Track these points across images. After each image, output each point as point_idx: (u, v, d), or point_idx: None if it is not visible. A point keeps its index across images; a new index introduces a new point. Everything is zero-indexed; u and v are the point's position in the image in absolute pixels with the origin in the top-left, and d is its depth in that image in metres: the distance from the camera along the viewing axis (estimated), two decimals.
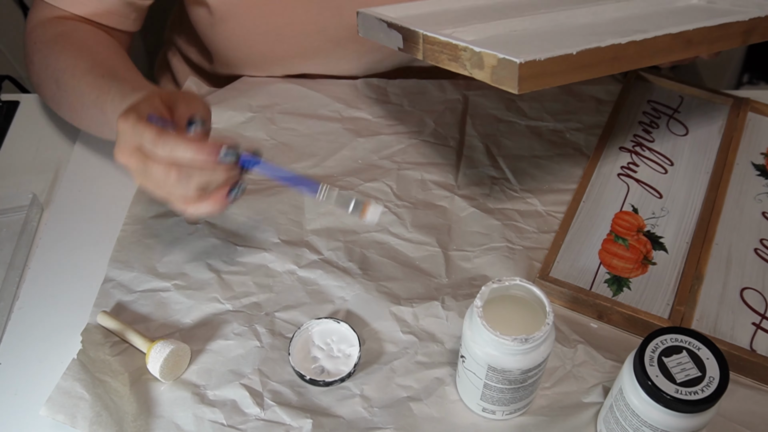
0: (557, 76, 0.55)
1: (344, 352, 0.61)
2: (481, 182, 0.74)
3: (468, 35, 0.64)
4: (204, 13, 0.79)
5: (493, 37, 0.65)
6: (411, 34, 0.63)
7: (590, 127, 0.79)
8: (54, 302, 0.66)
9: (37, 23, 0.74)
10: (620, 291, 0.64)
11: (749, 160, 0.75)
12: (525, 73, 0.52)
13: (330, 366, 0.60)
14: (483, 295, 0.51)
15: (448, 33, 0.62)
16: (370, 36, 0.70)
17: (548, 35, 0.65)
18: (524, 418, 0.57)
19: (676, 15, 0.70)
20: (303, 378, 0.59)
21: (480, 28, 0.65)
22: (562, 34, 0.65)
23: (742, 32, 0.64)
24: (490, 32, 0.65)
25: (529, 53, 0.53)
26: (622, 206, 0.71)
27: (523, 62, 0.52)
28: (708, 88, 0.82)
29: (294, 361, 0.59)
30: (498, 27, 0.66)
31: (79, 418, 0.55)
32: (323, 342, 0.61)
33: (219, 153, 0.52)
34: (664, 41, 0.59)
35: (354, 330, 0.61)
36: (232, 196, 0.55)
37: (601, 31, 0.66)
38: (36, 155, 0.79)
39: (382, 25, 0.67)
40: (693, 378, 0.47)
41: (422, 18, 0.71)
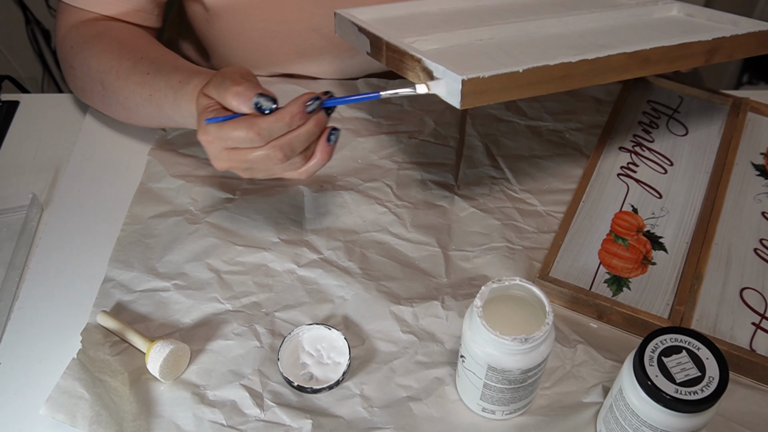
0: (502, 92, 0.55)
1: (334, 359, 0.60)
2: (481, 182, 0.74)
3: (429, 44, 0.64)
4: (199, 8, 0.79)
5: (454, 47, 0.64)
6: (376, 40, 0.63)
7: (590, 127, 0.79)
8: (54, 302, 0.66)
9: (69, 29, 0.74)
10: (620, 291, 0.64)
11: (749, 160, 0.75)
12: (468, 89, 0.52)
13: (319, 372, 0.60)
14: (483, 295, 0.51)
15: (409, 42, 0.62)
16: (345, 38, 0.70)
17: (510, 47, 0.64)
18: (524, 418, 0.57)
19: (649, 29, 0.70)
20: (291, 384, 0.58)
21: (444, 36, 0.65)
22: (525, 47, 0.65)
23: (705, 51, 0.63)
24: (454, 41, 0.65)
25: (475, 69, 0.53)
26: (621, 206, 0.71)
27: (466, 79, 0.52)
28: (708, 88, 0.82)
29: (283, 366, 0.59)
30: (463, 36, 0.65)
31: (79, 417, 0.55)
32: (313, 348, 0.61)
33: (305, 109, 0.53)
34: (619, 60, 0.59)
35: (345, 338, 0.60)
36: (332, 140, 0.56)
37: (565, 44, 0.65)
38: (36, 155, 0.79)
39: (353, 28, 0.67)
40: (693, 378, 0.47)
41: (395, 21, 0.70)
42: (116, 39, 0.72)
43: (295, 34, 0.80)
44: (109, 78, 0.69)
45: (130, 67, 0.68)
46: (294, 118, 0.53)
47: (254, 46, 0.81)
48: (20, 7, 1.40)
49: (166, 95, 0.64)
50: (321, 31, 0.79)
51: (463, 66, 0.54)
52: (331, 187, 0.74)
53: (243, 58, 0.84)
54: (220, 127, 0.53)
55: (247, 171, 0.56)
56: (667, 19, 0.73)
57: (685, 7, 0.74)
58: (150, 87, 0.66)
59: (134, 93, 0.67)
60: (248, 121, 0.53)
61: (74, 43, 0.73)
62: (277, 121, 0.52)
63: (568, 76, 0.57)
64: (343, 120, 0.81)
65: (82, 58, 0.72)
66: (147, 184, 0.74)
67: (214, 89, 0.55)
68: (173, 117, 0.66)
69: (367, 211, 0.72)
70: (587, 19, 0.70)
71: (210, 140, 0.54)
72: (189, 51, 0.94)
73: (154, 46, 0.72)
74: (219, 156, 0.55)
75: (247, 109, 0.53)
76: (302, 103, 0.53)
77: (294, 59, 0.83)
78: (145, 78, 0.66)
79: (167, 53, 0.71)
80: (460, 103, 0.53)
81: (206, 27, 0.82)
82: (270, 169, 0.55)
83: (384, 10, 0.72)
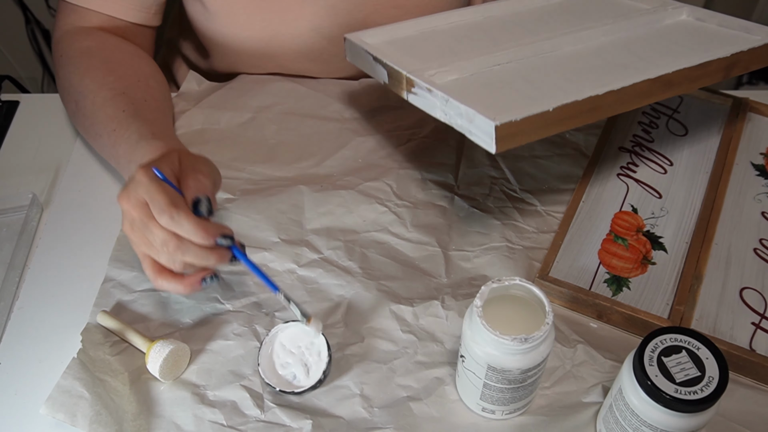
0: (534, 132, 0.55)
1: (315, 355, 0.60)
2: (481, 182, 0.74)
3: (449, 74, 0.63)
4: (199, 8, 0.79)
5: (474, 76, 0.64)
6: (396, 74, 0.63)
7: (590, 127, 0.79)
8: (54, 302, 0.66)
9: (64, 33, 0.75)
10: (620, 291, 0.64)
11: (749, 160, 0.75)
12: (502, 133, 0.52)
13: (302, 370, 0.59)
14: (483, 294, 0.51)
15: (430, 75, 0.62)
16: (358, 64, 0.70)
17: (530, 73, 0.64)
18: (524, 417, 0.57)
19: (663, 40, 0.69)
20: (274, 389, 0.58)
21: (462, 66, 0.64)
22: (545, 71, 0.64)
23: (723, 68, 0.63)
24: (472, 69, 0.65)
25: (505, 110, 0.52)
26: (621, 206, 0.71)
27: (499, 124, 0.52)
28: (708, 89, 0.82)
29: (264, 371, 0.58)
30: (481, 63, 0.65)
31: (79, 416, 0.55)
32: (294, 346, 0.60)
33: (215, 239, 0.54)
34: (643, 87, 0.58)
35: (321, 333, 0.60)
36: (206, 283, 0.57)
37: (584, 66, 0.65)
38: (36, 155, 0.79)
39: (368, 56, 0.67)
40: (692, 378, 0.47)
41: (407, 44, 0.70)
42: (104, 61, 0.72)
43: (295, 34, 0.80)
44: (85, 102, 0.70)
45: (107, 99, 0.68)
46: (206, 235, 0.53)
47: (254, 46, 0.81)
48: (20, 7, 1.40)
49: (129, 136, 0.64)
50: (321, 31, 0.79)
51: (493, 105, 0.53)
52: (331, 186, 0.74)
53: (243, 57, 0.84)
54: (157, 181, 0.54)
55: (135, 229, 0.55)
56: (679, 26, 0.73)
57: (694, 11, 0.74)
58: (119, 123, 0.66)
59: (101, 123, 0.68)
60: (179, 200, 0.54)
61: (64, 52, 0.74)
62: (195, 225, 0.53)
63: (596, 108, 0.57)
64: (344, 120, 0.81)
65: (66, 72, 0.72)
66: None
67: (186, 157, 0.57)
68: (120, 157, 0.66)
69: (367, 210, 0.72)
70: (600, 32, 0.70)
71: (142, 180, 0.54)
72: (188, 51, 0.94)
73: (141, 82, 0.72)
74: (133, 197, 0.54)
75: (189, 198, 0.55)
76: (219, 233, 0.54)
77: (294, 58, 0.83)
78: (118, 113, 0.67)
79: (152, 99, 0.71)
80: (495, 148, 0.53)
81: (206, 26, 0.82)
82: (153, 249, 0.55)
83: (393, 31, 0.72)
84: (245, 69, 0.86)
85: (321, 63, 0.84)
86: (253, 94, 0.83)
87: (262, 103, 0.82)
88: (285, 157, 0.77)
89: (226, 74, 0.88)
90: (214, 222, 0.55)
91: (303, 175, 0.75)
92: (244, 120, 0.81)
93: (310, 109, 0.82)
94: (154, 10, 0.77)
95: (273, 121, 0.80)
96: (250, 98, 0.83)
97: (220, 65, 0.88)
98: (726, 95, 0.81)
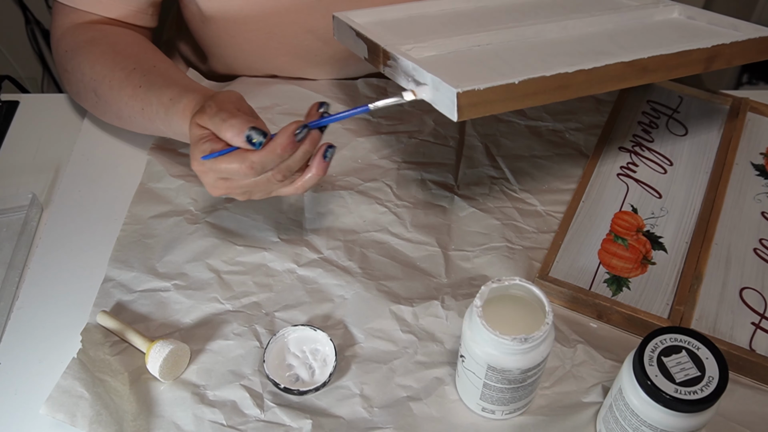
0: (498, 104, 0.54)
1: (320, 361, 0.60)
2: (480, 182, 0.74)
3: (426, 51, 0.63)
4: (195, 11, 0.79)
5: (450, 54, 0.64)
6: (373, 47, 0.63)
7: (590, 127, 0.79)
8: (54, 302, 0.66)
9: (65, 31, 0.74)
10: (620, 291, 0.64)
11: (748, 160, 0.75)
12: (464, 102, 0.52)
13: (305, 374, 0.60)
14: (482, 294, 0.51)
15: (406, 49, 0.62)
16: (343, 41, 0.70)
17: (507, 54, 0.64)
18: (524, 417, 0.57)
19: (649, 34, 0.69)
20: (277, 386, 0.58)
21: (441, 43, 0.64)
22: (522, 53, 0.64)
23: (704, 59, 0.62)
24: (450, 48, 0.64)
25: (470, 80, 0.52)
26: (621, 206, 0.71)
27: (461, 92, 0.52)
28: (707, 89, 0.82)
29: (269, 368, 0.59)
30: (460, 42, 0.65)
31: (79, 416, 0.55)
32: (299, 350, 0.61)
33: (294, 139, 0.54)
34: (616, 69, 0.58)
35: (331, 339, 0.60)
36: (327, 157, 0.57)
37: (562, 51, 0.65)
38: (36, 155, 0.79)
39: (351, 32, 0.67)
40: (692, 378, 0.47)
41: (394, 25, 0.70)
42: (111, 45, 0.72)
43: (291, 36, 0.79)
44: (102, 88, 0.70)
45: (123, 79, 0.68)
46: (285, 149, 0.54)
47: (250, 48, 0.81)
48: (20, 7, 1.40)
49: (157, 111, 0.65)
50: (318, 33, 0.79)
51: (459, 76, 0.54)
52: (331, 187, 0.74)
53: (239, 59, 0.84)
54: (215, 162, 0.55)
55: (244, 194, 0.58)
56: (668, 22, 0.73)
57: (686, 10, 0.74)
58: (142, 101, 0.66)
59: (127, 105, 0.68)
60: (241, 155, 0.54)
61: (69, 47, 0.73)
62: (268, 154, 0.54)
63: (565, 86, 0.56)
64: (343, 120, 0.81)
65: (75, 64, 0.72)
66: (147, 184, 0.74)
67: (209, 120, 0.56)
68: (165, 131, 0.67)
69: (367, 210, 0.72)
70: (586, 23, 0.70)
71: (205, 171, 0.56)
72: (187, 52, 0.94)
73: (148, 54, 0.72)
74: (215, 185, 0.57)
75: (240, 142, 0.54)
76: (291, 133, 0.54)
77: (291, 61, 0.83)
78: (137, 91, 0.67)
79: (161, 62, 0.71)
80: (457, 116, 0.53)
81: (202, 29, 0.82)
82: (271, 191, 0.57)
83: (382, 13, 0.72)
84: (242, 71, 0.86)
85: (317, 65, 0.84)
86: (252, 95, 0.83)
87: (261, 104, 0.82)
88: None
89: (224, 76, 0.88)
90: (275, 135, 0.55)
91: None
92: None
93: None
94: (150, 12, 0.77)
95: (273, 122, 0.80)
96: (249, 99, 0.82)
97: (218, 67, 0.88)
98: (726, 95, 0.81)
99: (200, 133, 0.57)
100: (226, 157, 0.55)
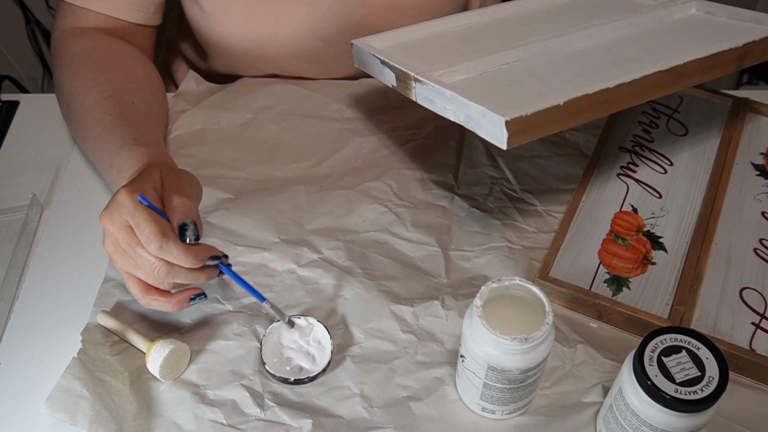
0: (545, 127, 0.54)
1: (315, 344, 0.61)
2: (481, 182, 0.74)
3: (457, 74, 0.63)
4: (196, 9, 0.79)
5: (482, 75, 0.63)
6: (403, 75, 0.62)
7: (590, 127, 0.79)
8: (54, 302, 0.66)
9: (62, 34, 0.75)
10: (620, 291, 0.64)
11: (749, 160, 0.75)
12: (513, 129, 0.52)
13: (307, 362, 0.60)
14: (483, 294, 0.51)
15: (438, 75, 0.61)
16: (365, 68, 0.69)
17: (539, 70, 0.63)
18: (524, 417, 0.57)
19: (673, 34, 0.69)
20: (288, 381, 0.58)
21: (470, 65, 0.64)
22: (554, 69, 0.64)
23: (736, 58, 0.62)
24: (481, 68, 0.64)
25: (514, 106, 0.52)
26: (621, 206, 0.71)
27: (509, 119, 0.51)
28: (707, 88, 0.82)
29: (272, 368, 0.59)
30: (489, 62, 0.65)
31: (79, 416, 0.55)
32: (292, 341, 0.61)
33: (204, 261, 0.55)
34: (655, 79, 0.58)
35: (318, 320, 0.61)
36: (194, 301, 0.58)
37: (594, 62, 0.64)
38: (36, 155, 0.79)
39: (375, 60, 0.66)
40: (692, 378, 0.47)
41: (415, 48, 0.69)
42: (97, 63, 0.72)
43: (292, 36, 0.80)
44: (74, 104, 0.70)
45: (96, 101, 0.68)
46: (195, 260, 0.54)
47: (251, 47, 0.81)
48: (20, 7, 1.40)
49: (113, 141, 0.64)
50: (318, 33, 0.79)
51: (502, 102, 0.53)
52: (331, 186, 0.74)
53: (240, 58, 0.84)
54: (141, 208, 0.54)
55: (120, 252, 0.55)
56: (688, 20, 0.72)
57: (703, 5, 0.74)
58: (104, 127, 0.66)
59: (88, 125, 0.68)
60: (166, 227, 0.54)
61: (60, 53, 0.74)
62: (185, 252, 0.54)
63: (607, 101, 0.56)
64: (343, 120, 0.81)
65: (60, 73, 0.73)
66: None
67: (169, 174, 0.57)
68: (103, 161, 0.66)
69: (367, 210, 0.72)
70: (609, 29, 0.69)
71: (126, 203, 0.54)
72: (188, 51, 0.94)
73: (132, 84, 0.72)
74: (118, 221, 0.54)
75: (174, 222, 0.54)
76: (208, 256, 0.55)
77: (291, 60, 0.83)
78: (104, 117, 0.67)
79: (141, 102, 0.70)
80: (507, 144, 0.52)
81: (203, 28, 0.82)
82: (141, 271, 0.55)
83: (400, 35, 0.71)
84: (243, 70, 0.86)
85: (318, 64, 0.84)
86: (253, 95, 0.83)
87: (262, 104, 0.82)
88: (285, 158, 0.77)
89: (224, 75, 0.88)
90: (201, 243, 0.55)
91: (303, 175, 0.75)
92: (244, 120, 0.81)
93: (310, 110, 0.82)
94: (153, 10, 0.77)
95: (273, 122, 0.80)
96: (250, 99, 0.83)
97: (219, 66, 0.88)
98: (726, 95, 0.81)
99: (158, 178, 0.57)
100: (154, 215, 0.54)
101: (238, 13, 0.77)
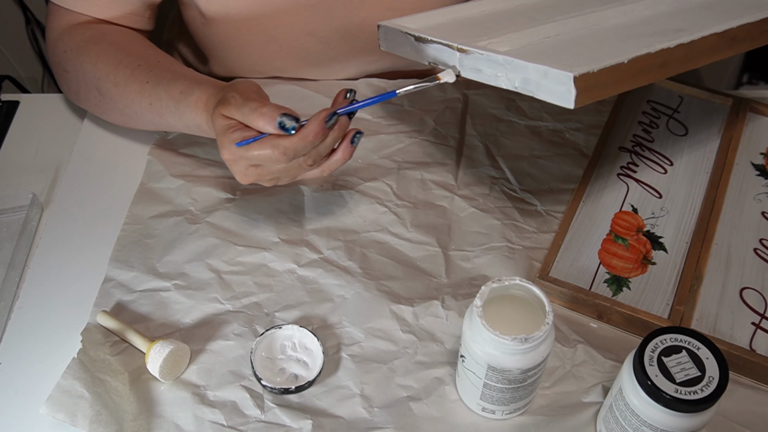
0: (609, 86, 0.53)
1: (303, 350, 0.60)
2: (481, 182, 0.74)
3: (503, 45, 0.61)
4: (195, 14, 0.79)
5: (527, 47, 0.62)
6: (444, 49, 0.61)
7: (590, 127, 0.79)
8: (54, 302, 0.66)
9: (62, 32, 0.74)
10: (620, 291, 0.64)
11: (749, 160, 0.75)
12: (581, 86, 0.50)
13: (300, 369, 0.59)
14: (483, 294, 0.51)
15: (483, 45, 0.60)
16: (394, 49, 0.68)
17: (585, 41, 0.62)
18: (524, 417, 0.57)
19: (706, 9, 0.67)
20: (288, 391, 0.58)
21: (514, 37, 0.62)
22: (598, 40, 0.62)
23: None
24: (524, 41, 0.63)
25: (580, 64, 0.50)
26: (621, 206, 0.71)
27: (578, 75, 0.50)
28: (707, 88, 0.82)
29: (266, 381, 0.58)
30: (530, 34, 0.63)
31: (79, 416, 0.55)
32: (280, 351, 0.61)
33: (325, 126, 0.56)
34: (710, 41, 0.57)
35: (301, 327, 0.61)
36: (355, 142, 0.59)
37: (636, 33, 0.63)
38: (36, 155, 0.79)
39: (408, 38, 0.64)
40: (692, 378, 0.47)
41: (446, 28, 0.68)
42: (112, 43, 0.72)
43: (291, 39, 0.79)
44: (107, 85, 0.69)
45: (128, 75, 0.68)
46: (317, 136, 0.56)
47: (251, 51, 0.81)
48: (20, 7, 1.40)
49: (167, 105, 0.65)
50: (317, 35, 0.79)
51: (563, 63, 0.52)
52: (331, 187, 0.74)
53: (240, 62, 0.84)
54: (247, 149, 0.56)
55: (272, 180, 0.59)
56: None
57: None
58: (150, 96, 0.67)
59: (133, 101, 0.68)
60: (273, 142, 0.55)
61: (68, 47, 0.73)
62: (301, 140, 0.55)
63: (667, 62, 0.56)
64: None
65: (77, 63, 0.72)
66: (147, 184, 0.74)
67: (237, 110, 0.57)
68: (175, 125, 0.67)
69: (367, 210, 0.72)
70: (644, 5, 0.68)
71: (235, 159, 0.57)
72: (187, 54, 0.94)
73: (150, 50, 0.72)
74: (246, 172, 0.58)
75: (272, 129, 0.55)
76: (322, 120, 0.56)
77: (291, 63, 0.83)
78: (143, 87, 0.67)
79: (164, 58, 0.71)
80: (574, 103, 0.51)
81: (203, 32, 0.81)
82: (294, 175, 0.59)
83: (429, 18, 0.69)
84: (242, 73, 0.86)
85: (318, 67, 0.84)
86: None
87: None
88: None
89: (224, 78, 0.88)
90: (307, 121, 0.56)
91: None
92: None
93: (311, 110, 0.81)
94: (147, 15, 0.76)
95: None
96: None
97: (218, 69, 0.88)
98: (726, 95, 0.81)
99: (227, 123, 0.57)
100: (258, 144, 0.56)
101: (237, 17, 0.77)
